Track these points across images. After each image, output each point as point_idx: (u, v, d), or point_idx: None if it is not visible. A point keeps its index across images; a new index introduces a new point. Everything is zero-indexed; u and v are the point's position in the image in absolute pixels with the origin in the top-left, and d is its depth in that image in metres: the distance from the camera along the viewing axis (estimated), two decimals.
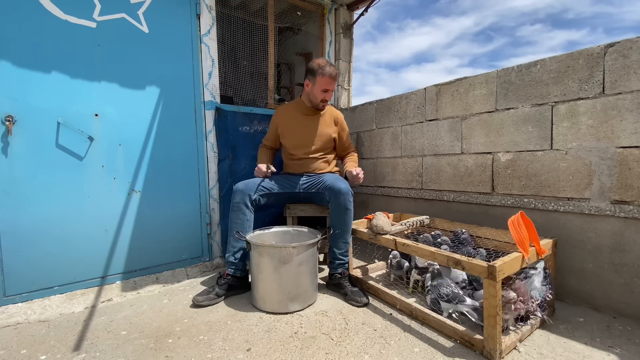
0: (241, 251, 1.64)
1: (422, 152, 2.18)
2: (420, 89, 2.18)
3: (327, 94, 1.80)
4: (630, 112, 1.33)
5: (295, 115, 1.89)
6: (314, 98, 1.82)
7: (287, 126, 1.90)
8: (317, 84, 1.76)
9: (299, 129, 1.88)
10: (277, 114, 1.95)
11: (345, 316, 1.42)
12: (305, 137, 1.87)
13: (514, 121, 1.70)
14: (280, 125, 1.92)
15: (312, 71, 1.77)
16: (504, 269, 1.10)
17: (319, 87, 1.77)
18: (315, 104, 1.85)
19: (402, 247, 1.45)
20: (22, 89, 1.50)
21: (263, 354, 1.15)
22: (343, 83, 2.75)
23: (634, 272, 1.35)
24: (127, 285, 1.76)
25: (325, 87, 1.77)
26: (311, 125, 1.88)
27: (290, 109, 1.92)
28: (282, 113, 1.93)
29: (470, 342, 1.16)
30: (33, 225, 1.55)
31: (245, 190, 1.67)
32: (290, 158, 1.93)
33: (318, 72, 1.74)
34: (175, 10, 1.91)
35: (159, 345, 1.22)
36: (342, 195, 1.63)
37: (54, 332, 1.32)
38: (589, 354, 1.14)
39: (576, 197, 1.49)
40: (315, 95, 1.80)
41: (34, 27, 1.51)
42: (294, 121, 1.89)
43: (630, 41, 1.33)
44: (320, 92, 1.78)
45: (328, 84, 1.76)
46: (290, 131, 1.89)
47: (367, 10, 2.62)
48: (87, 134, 1.66)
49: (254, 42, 2.41)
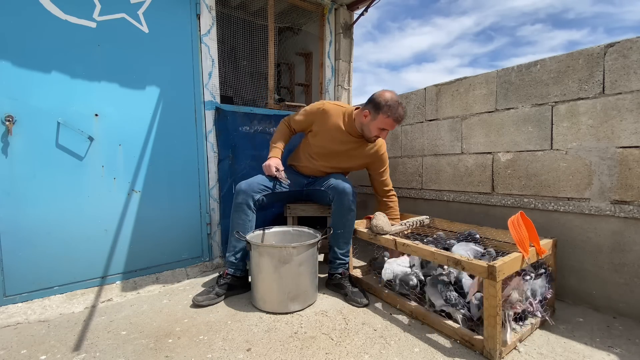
0: (241, 251, 1.63)
1: (422, 152, 2.18)
2: (420, 89, 2.18)
3: (384, 133, 1.66)
4: (630, 112, 1.33)
5: (339, 127, 1.72)
6: (367, 131, 1.66)
7: (325, 132, 1.73)
8: (377, 120, 1.60)
9: (334, 143, 1.74)
10: (322, 112, 1.74)
11: (345, 316, 1.42)
12: (336, 154, 1.76)
13: (514, 121, 1.70)
14: (318, 125, 1.74)
15: (377, 105, 1.59)
16: (504, 269, 1.10)
17: (378, 125, 1.61)
18: (366, 137, 1.70)
19: (402, 247, 1.45)
20: (22, 89, 1.50)
21: (263, 354, 1.15)
22: (343, 83, 2.75)
23: (634, 272, 1.35)
24: (127, 285, 1.76)
25: (385, 127, 1.62)
26: (348, 147, 1.75)
27: (337, 116, 1.72)
28: (327, 115, 1.73)
29: (470, 342, 1.16)
30: (33, 225, 1.55)
31: (248, 190, 1.62)
32: (308, 159, 1.82)
33: (383, 109, 1.57)
34: (175, 10, 1.91)
35: (159, 345, 1.22)
36: (346, 196, 1.61)
37: (54, 332, 1.32)
38: (589, 354, 1.14)
39: (576, 197, 1.49)
40: (371, 129, 1.64)
41: (34, 27, 1.51)
42: (334, 132, 1.72)
43: (630, 41, 1.33)
44: (376, 129, 1.63)
45: (390, 125, 1.61)
46: (324, 139, 1.74)
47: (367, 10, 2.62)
48: (87, 134, 1.66)
49: (254, 42, 2.41)
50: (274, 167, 1.68)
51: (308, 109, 1.78)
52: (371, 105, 1.62)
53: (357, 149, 1.77)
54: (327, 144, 1.75)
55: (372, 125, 1.63)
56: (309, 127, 1.79)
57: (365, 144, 1.78)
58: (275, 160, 1.72)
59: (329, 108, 1.74)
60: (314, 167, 1.82)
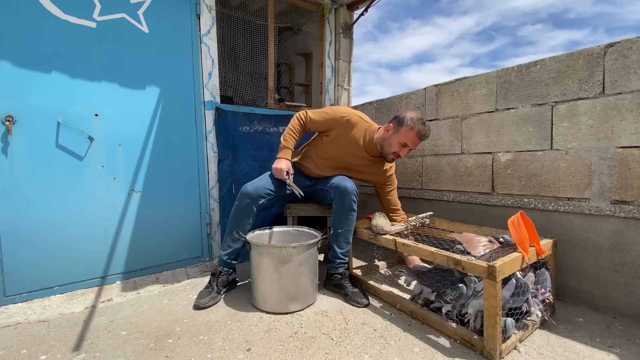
0: (236, 252, 1.64)
1: (422, 152, 2.18)
2: (420, 89, 2.18)
3: (404, 150, 1.61)
4: (630, 112, 1.33)
5: (357, 143, 1.68)
6: (387, 146, 1.62)
7: (342, 144, 1.69)
8: (400, 133, 1.58)
9: (349, 157, 1.71)
10: (346, 123, 1.67)
11: (345, 316, 1.42)
12: (347, 166, 1.74)
13: (514, 121, 1.70)
14: (338, 133, 1.69)
15: (401, 120, 1.59)
16: (504, 269, 1.10)
17: (400, 139, 1.59)
18: (385, 153, 1.66)
19: (402, 247, 1.45)
20: (22, 89, 1.50)
21: (263, 354, 1.15)
22: (343, 83, 2.75)
23: (634, 272, 1.35)
24: (127, 285, 1.76)
25: (406, 142, 1.59)
26: (361, 163, 1.73)
27: (359, 132, 1.68)
28: (350, 126, 1.67)
29: (470, 342, 1.16)
30: (33, 225, 1.55)
31: (254, 195, 1.58)
32: (315, 162, 1.77)
33: (407, 123, 1.57)
34: (175, 10, 1.91)
35: (159, 345, 1.22)
36: (348, 195, 1.60)
37: (54, 332, 1.32)
38: (589, 354, 1.14)
39: (576, 197, 1.49)
40: (391, 144, 1.61)
41: (34, 27, 1.51)
42: (352, 147, 1.69)
43: (630, 41, 1.33)
44: (397, 144, 1.60)
45: (412, 140, 1.58)
46: (340, 150, 1.70)
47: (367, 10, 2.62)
48: (87, 134, 1.66)
49: (254, 42, 2.41)
50: (285, 171, 1.62)
51: (331, 113, 1.70)
52: (395, 120, 1.63)
53: (370, 166, 1.75)
54: (341, 155, 1.72)
55: (394, 139, 1.60)
56: (326, 131, 1.72)
57: (379, 164, 1.76)
58: (287, 163, 1.64)
59: (355, 121, 1.68)
60: (320, 170, 1.78)
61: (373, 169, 1.77)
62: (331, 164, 1.75)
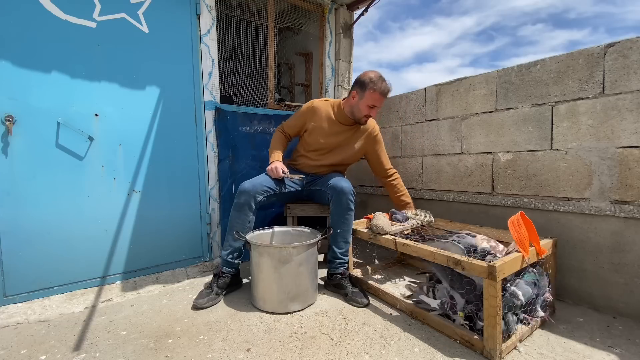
0: (237, 251, 1.64)
1: (422, 152, 2.18)
2: (420, 89, 2.18)
3: (373, 111, 1.71)
4: (630, 112, 1.33)
5: (330, 118, 1.79)
6: (357, 112, 1.72)
7: (318, 128, 1.79)
8: (365, 98, 1.67)
9: (329, 136, 1.79)
10: (312, 110, 1.80)
11: (345, 316, 1.42)
12: (333, 147, 1.80)
13: (514, 121, 1.70)
14: (311, 122, 1.80)
15: (362, 84, 1.67)
16: (504, 269, 1.10)
17: (367, 102, 1.67)
18: (357, 118, 1.75)
19: (402, 247, 1.45)
20: (22, 89, 1.50)
21: (263, 354, 1.15)
22: (343, 83, 2.75)
23: (634, 272, 1.35)
24: (127, 285, 1.76)
25: (374, 104, 1.68)
26: (343, 137, 1.80)
27: (327, 110, 1.80)
28: (317, 111, 1.80)
29: (470, 342, 1.16)
30: (33, 225, 1.55)
31: (251, 191, 1.61)
32: (306, 157, 1.86)
33: (369, 86, 1.64)
34: (175, 10, 1.91)
35: (159, 345, 1.22)
36: (344, 195, 1.62)
37: (54, 332, 1.32)
38: (589, 354, 1.14)
39: (576, 197, 1.49)
40: (360, 109, 1.70)
41: (34, 27, 1.51)
42: (327, 125, 1.78)
43: (630, 41, 1.33)
44: (366, 107, 1.69)
45: (377, 100, 1.67)
46: (319, 134, 1.79)
47: (367, 10, 2.62)
48: (87, 134, 1.66)
49: (254, 42, 2.41)
50: (281, 169, 1.70)
51: (298, 112, 1.86)
52: (357, 86, 1.70)
53: (352, 137, 1.82)
54: (322, 138, 1.80)
55: (361, 104, 1.70)
56: (303, 128, 1.84)
57: (359, 131, 1.83)
58: (280, 163, 1.73)
59: (317, 104, 1.82)
60: (313, 164, 1.84)
61: (357, 137, 1.83)
62: (320, 151, 1.82)
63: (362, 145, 1.85)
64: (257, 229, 1.70)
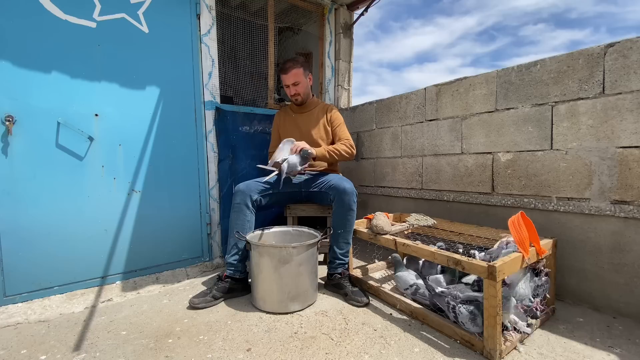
0: (241, 252, 1.62)
1: (422, 152, 2.18)
2: (421, 89, 2.18)
3: (289, 89, 1.88)
4: (630, 112, 1.33)
5: (288, 115, 2.01)
6: (286, 96, 1.96)
7: (283, 127, 1.99)
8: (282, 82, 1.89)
9: (292, 127, 1.97)
10: (276, 118, 2.06)
11: (345, 316, 1.42)
12: (299, 132, 1.93)
13: (514, 121, 1.70)
14: (280, 127, 2.01)
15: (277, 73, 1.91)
16: (504, 269, 1.10)
17: (284, 84, 1.90)
18: (291, 101, 1.96)
19: (402, 247, 1.45)
20: (22, 89, 1.50)
21: (263, 354, 1.15)
22: (343, 83, 2.75)
23: (634, 272, 1.35)
24: (127, 285, 1.76)
25: (285, 83, 1.87)
26: (302, 121, 1.96)
27: (284, 111, 2.05)
28: (279, 116, 2.05)
29: (470, 342, 1.16)
30: (33, 225, 1.55)
31: (246, 191, 1.65)
32: None
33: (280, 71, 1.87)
34: (175, 10, 1.91)
35: (159, 345, 1.22)
36: (346, 195, 1.62)
37: (54, 332, 1.32)
38: (589, 354, 1.14)
39: (576, 197, 1.49)
40: (286, 93, 1.94)
41: (34, 27, 1.51)
42: (288, 121, 1.99)
43: (630, 41, 1.33)
44: (286, 90, 1.91)
45: (284, 79, 1.86)
46: (286, 130, 1.98)
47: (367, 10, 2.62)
48: (87, 134, 1.66)
49: (254, 42, 2.41)
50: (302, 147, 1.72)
51: (272, 128, 2.08)
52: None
53: (309, 119, 1.95)
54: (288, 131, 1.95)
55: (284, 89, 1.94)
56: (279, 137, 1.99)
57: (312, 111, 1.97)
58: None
59: (278, 112, 2.08)
60: None
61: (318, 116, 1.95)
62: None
63: (323, 120, 1.96)
64: (257, 229, 1.70)
